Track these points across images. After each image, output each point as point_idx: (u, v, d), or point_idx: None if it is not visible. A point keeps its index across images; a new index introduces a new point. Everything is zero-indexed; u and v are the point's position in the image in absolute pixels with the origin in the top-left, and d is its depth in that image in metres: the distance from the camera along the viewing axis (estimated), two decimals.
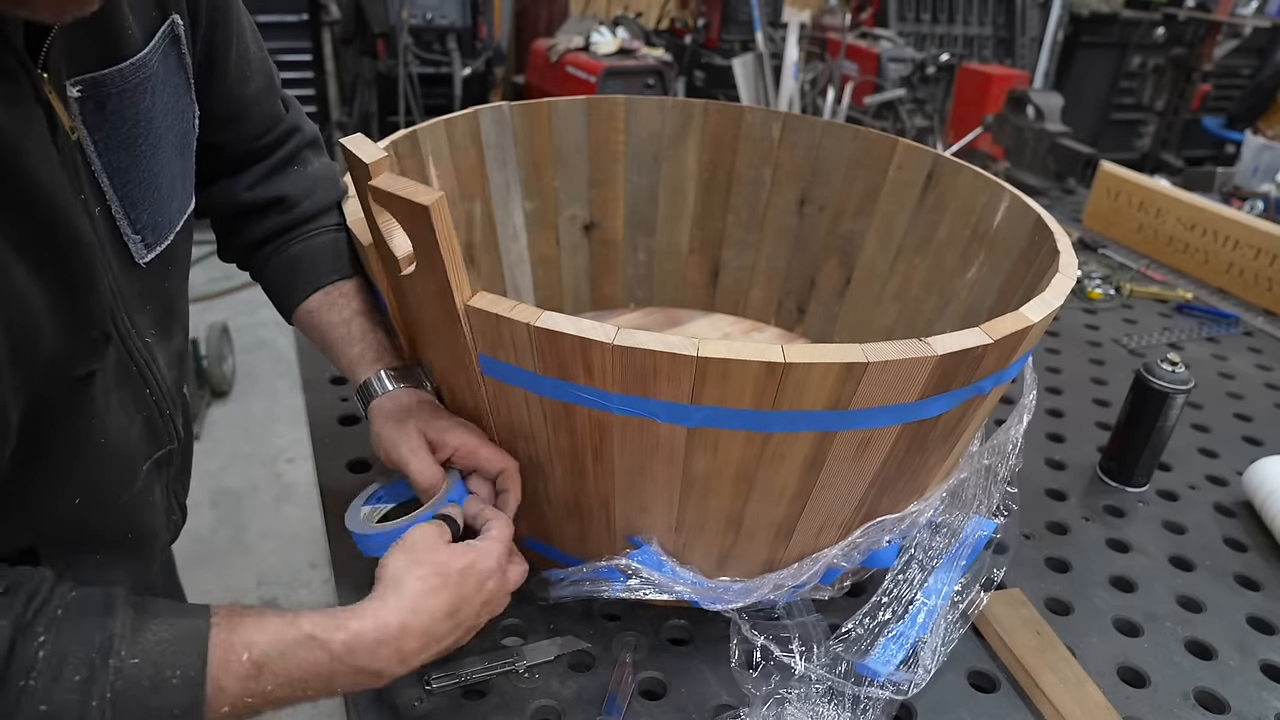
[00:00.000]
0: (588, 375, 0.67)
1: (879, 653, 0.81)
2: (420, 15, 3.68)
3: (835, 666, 0.79)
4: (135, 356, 0.73)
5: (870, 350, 0.63)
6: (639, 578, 0.79)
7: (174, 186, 0.75)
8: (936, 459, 0.80)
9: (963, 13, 4.68)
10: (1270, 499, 1.07)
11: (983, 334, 0.67)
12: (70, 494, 0.71)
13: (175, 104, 0.74)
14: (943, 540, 0.88)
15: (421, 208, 0.61)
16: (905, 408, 0.69)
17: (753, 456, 0.70)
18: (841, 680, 0.78)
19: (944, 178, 1.13)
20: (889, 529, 0.82)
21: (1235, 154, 2.79)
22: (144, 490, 0.79)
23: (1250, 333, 1.61)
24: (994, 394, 0.78)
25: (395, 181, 0.64)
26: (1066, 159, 2.19)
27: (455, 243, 0.64)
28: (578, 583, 0.81)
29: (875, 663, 0.80)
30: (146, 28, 0.70)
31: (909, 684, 0.78)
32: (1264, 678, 0.87)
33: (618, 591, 0.79)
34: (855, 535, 0.82)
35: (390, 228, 0.71)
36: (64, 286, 0.63)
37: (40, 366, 0.62)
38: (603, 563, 0.80)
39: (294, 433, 2.69)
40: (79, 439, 0.69)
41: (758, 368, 0.63)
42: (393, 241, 0.70)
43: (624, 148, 1.31)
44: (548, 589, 0.83)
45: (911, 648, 0.81)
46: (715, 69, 4.42)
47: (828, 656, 0.80)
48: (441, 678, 0.77)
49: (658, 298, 1.42)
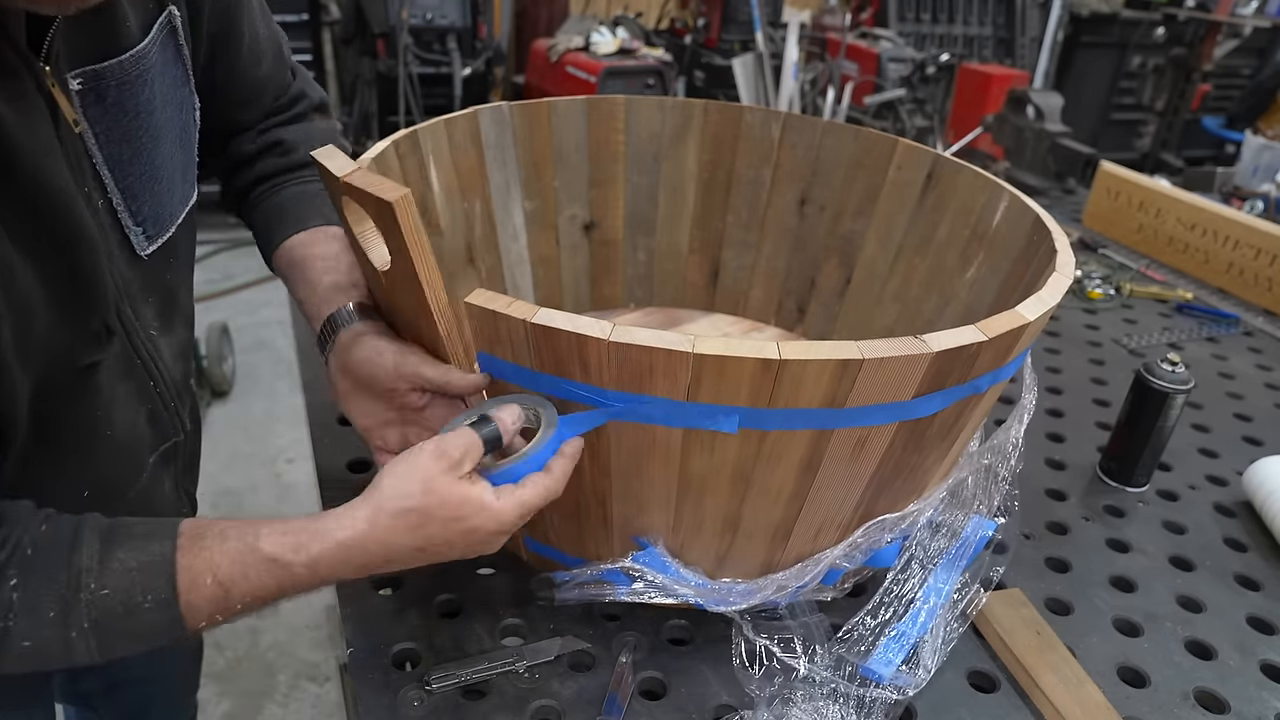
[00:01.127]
0: (584, 372, 0.67)
1: (880, 654, 0.81)
2: (420, 15, 3.68)
3: (838, 668, 0.79)
4: (139, 349, 0.74)
5: (866, 347, 0.64)
6: (644, 580, 0.79)
7: (174, 179, 0.76)
8: (934, 459, 0.80)
9: (963, 13, 4.68)
10: (1270, 499, 1.07)
11: (978, 331, 0.67)
12: (79, 487, 0.72)
13: (174, 95, 0.74)
14: (943, 540, 0.88)
15: (387, 204, 0.62)
16: (901, 406, 0.68)
17: (749, 456, 0.70)
18: (845, 682, 0.78)
19: (944, 178, 1.13)
20: (889, 528, 0.82)
21: (1235, 154, 2.79)
22: (152, 483, 0.79)
23: (1250, 333, 1.61)
24: (991, 393, 0.78)
25: (366, 178, 0.65)
26: (1066, 159, 2.19)
27: (423, 238, 0.65)
28: (583, 585, 0.81)
29: (877, 664, 0.80)
30: (144, 20, 0.70)
31: (911, 685, 0.78)
32: (1264, 678, 0.87)
33: (622, 595, 0.79)
34: (856, 535, 0.82)
35: (369, 237, 0.71)
36: (69, 278, 0.64)
37: (45, 357, 0.63)
38: (607, 565, 0.80)
39: (294, 433, 2.69)
40: (85, 431, 0.70)
41: (754, 364, 0.63)
42: (371, 252, 0.71)
43: (624, 147, 1.31)
44: (551, 590, 0.83)
45: (912, 648, 0.81)
46: (715, 69, 4.42)
47: (830, 658, 0.80)
48: (441, 678, 0.77)
49: (658, 298, 1.42)
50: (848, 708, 0.77)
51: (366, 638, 0.81)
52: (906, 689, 0.78)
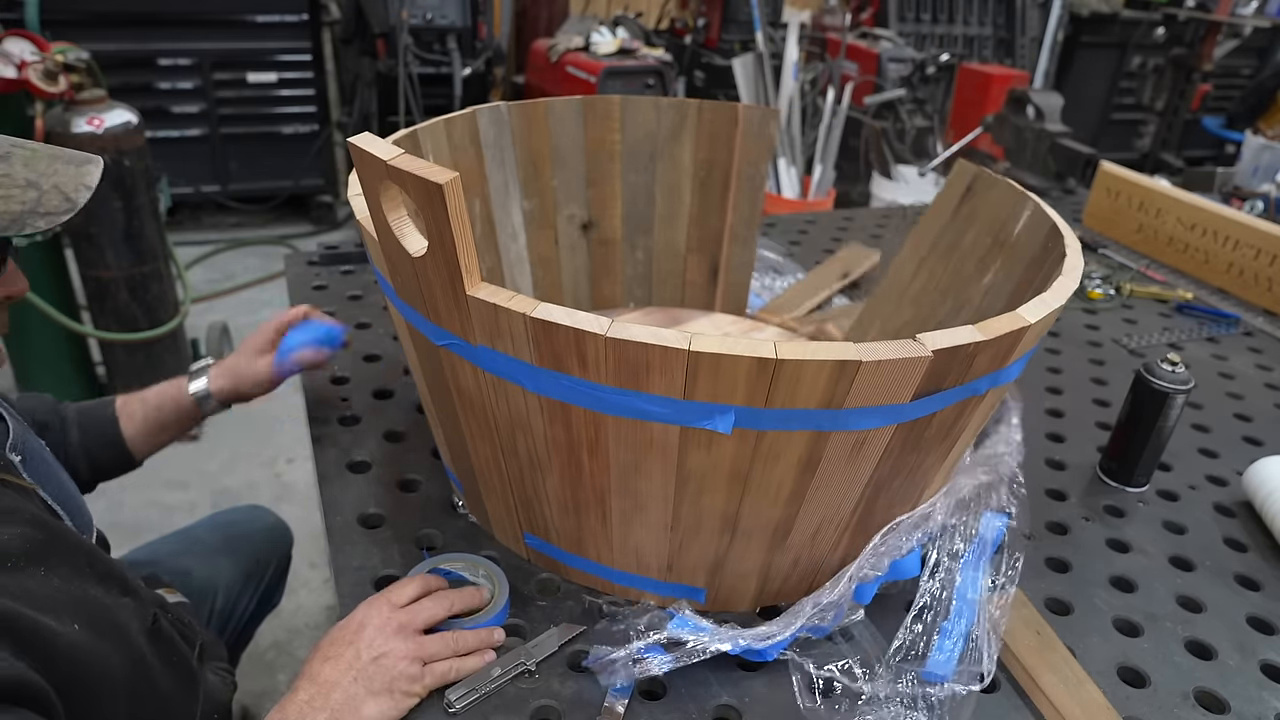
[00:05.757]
0: (582, 367, 0.67)
1: (935, 655, 0.81)
2: (420, 15, 3.68)
3: (900, 678, 0.79)
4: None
5: (863, 349, 0.63)
6: (681, 649, 0.77)
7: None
8: (934, 460, 0.80)
9: (963, 13, 4.67)
10: (1270, 499, 1.07)
11: (975, 332, 0.67)
12: None
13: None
14: (961, 541, 0.89)
15: (436, 186, 0.62)
16: (899, 408, 0.68)
17: (746, 455, 0.70)
18: (911, 690, 0.78)
19: (980, 190, 1.13)
20: (907, 531, 0.82)
21: (1235, 154, 2.79)
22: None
23: (1250, 333, 1.61)
24: (991, 395, 0.78)
25: (412, 161, 0.65)
26: (1066, 159, 2.20)
27: (467, 223, 0.65)
28: (626, 666, 0.78)
29: (936, 666, 0.80)
30: None
31: (980, 674, 0.78)
32: (1264, 678, 0.87)
33: (666, 666, 0.77)
34: (875, 542, 0.82)
35: (401, 225, 0.71)
36: None
37: None
38: (642, 643, 0.78)
39: (294, 433, 2.69)
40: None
41: (749, 363, 0.62)
42: (405, 239, 0.71)
43: (619, 146, 1.31)
44: (593, 672, 0.81)
45: (965, 641, 0.81)
46: (715, 69, 4.42)
47: (890, 672, 0.80)
48: (462, 696, 0.76)
49: (657, 297, 1.42)
50: (920, 710, 0.77)
51: None
52: (973, 683, 0.78)
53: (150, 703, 0.83)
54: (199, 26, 3.62)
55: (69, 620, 0.73)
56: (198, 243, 3.89)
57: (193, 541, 1.37)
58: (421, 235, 0.69)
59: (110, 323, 2.46)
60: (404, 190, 0.66)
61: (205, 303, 3.43)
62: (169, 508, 2.35)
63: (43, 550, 0.76)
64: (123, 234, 2.35)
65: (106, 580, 0.83)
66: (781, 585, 0.86)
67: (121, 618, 0.81)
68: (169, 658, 0.90)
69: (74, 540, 0.82)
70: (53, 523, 0.81)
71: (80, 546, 0.83)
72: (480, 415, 0.80)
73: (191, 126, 3.76)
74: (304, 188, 4.09)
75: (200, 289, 3.48)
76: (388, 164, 0.65)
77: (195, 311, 3.12)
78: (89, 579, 0.81)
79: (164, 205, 2.54)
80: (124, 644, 0.80)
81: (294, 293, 1.48)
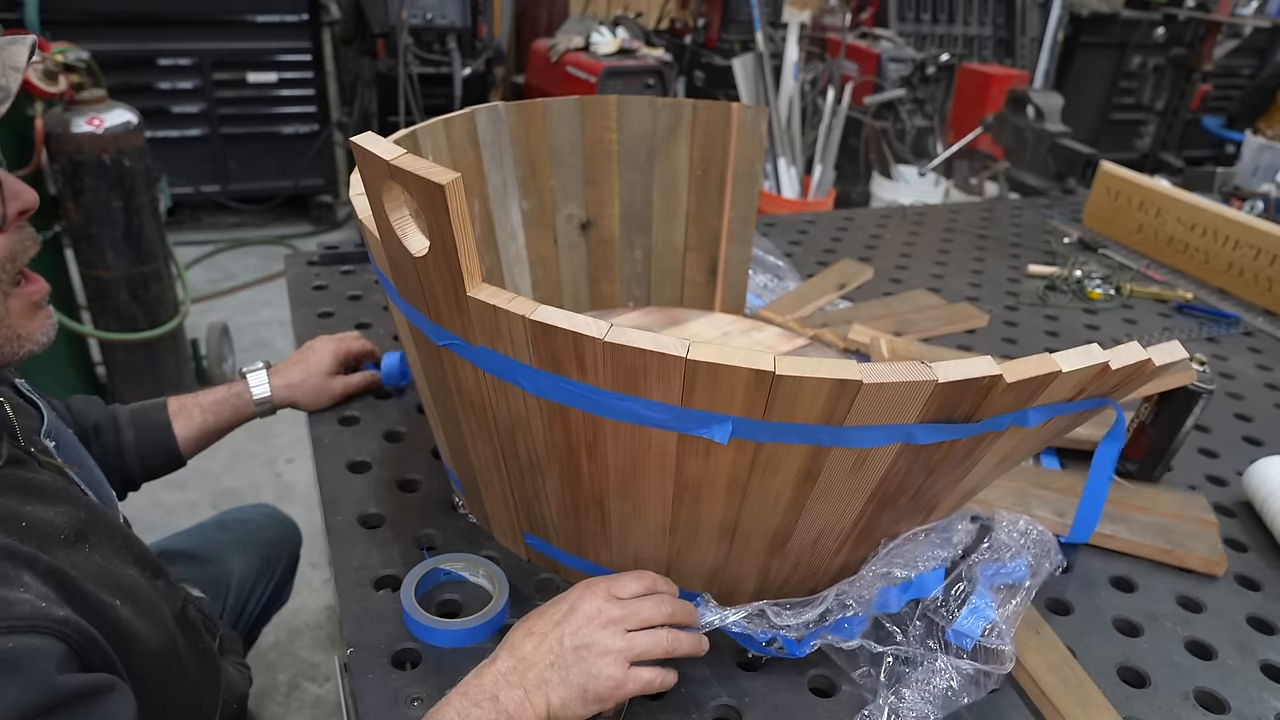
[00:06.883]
0: (580, 371, 0.67)
1: (965, 618, 0.81)
2: (420, 15, 3.68)
3: (930, 635, 0.81)
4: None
5: (866, 369, 0.61)
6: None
7: None
8: (946, 484, 0.78)
9: (963, 13, 4.67)
10: (1270, 499, 1.07)
11: (991, 364, 0.63)
12: None
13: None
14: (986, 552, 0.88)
15: (438, 186, 0.62)
16: (904, 430, 0.66)
17: (745, 464, 0.69)
18: (943, 655, 0.79)
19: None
20: (937, 547, 0.83)
21: (1235, 154, 2.79)
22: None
23: (1250, 333, 1.61)
24: (1012, 432, 0.72)
25: (415, 161, 0.64)
26: (1066, 159, 2.19)
27: (469, 224, 0.65)
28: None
29: (965, 626, 0.80)
30: None
31: (1007, 641, 0.79)
32: (1264, 678, 0.87)
33: None
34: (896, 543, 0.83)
35: (404, 224, 0.71)
36: None
37: None
38: None
39: (294, 433, 2.69)
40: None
41: (747, 374, 0.61)
42: (408, 239, 0.71)
43: (617, 146, 1.31)
44: None
45: (990, 622, 0.81)
46: (715, 69, 4.41)
47: (919, 628, 0.81)
48: None
49: (656, 296, 1.42)
50: (953, 680, 0.77)
51: (366, 638, 0.81)
52: (1003, 646, 0.78)
53: (179, 687, 0.85)
54: (199, 26, 3.63)
55: (112, 597, 0.76)
56: (198, 243, 3.89)
57: (204, 539, 1.38)
58: (423, 235, 0.69)
59: (110, 323, 2.46)
60: (406, 190, 0.66)
61: (205, 303, 3.43)
62: (169, 508, 2.35)
63: (86, 529, 0.79)
64: (123, 234, 2.35)
65: (142, 562, 0.86)
66: (781, 588, 0.86)
67: (156, 600, 0.83)
68: (195, 644, 0.92)
69: (113, 521, 0.84)
70: (94, 503, 0.83)
71: (118, 528, 0.85)
72: (480, 416, 0.80)
73: (191, 126, 3.76)
74: (304, 188, 4.09)
75: (200, 289, 3.48)
76: (390, 164, 0.65)
77: (195, 311, 3.12)
78: (128, 559, 0.83)
79: (164, 205, 2.54)
80: (160, 626, 0.82)
81: (294, 293, 1.48)
